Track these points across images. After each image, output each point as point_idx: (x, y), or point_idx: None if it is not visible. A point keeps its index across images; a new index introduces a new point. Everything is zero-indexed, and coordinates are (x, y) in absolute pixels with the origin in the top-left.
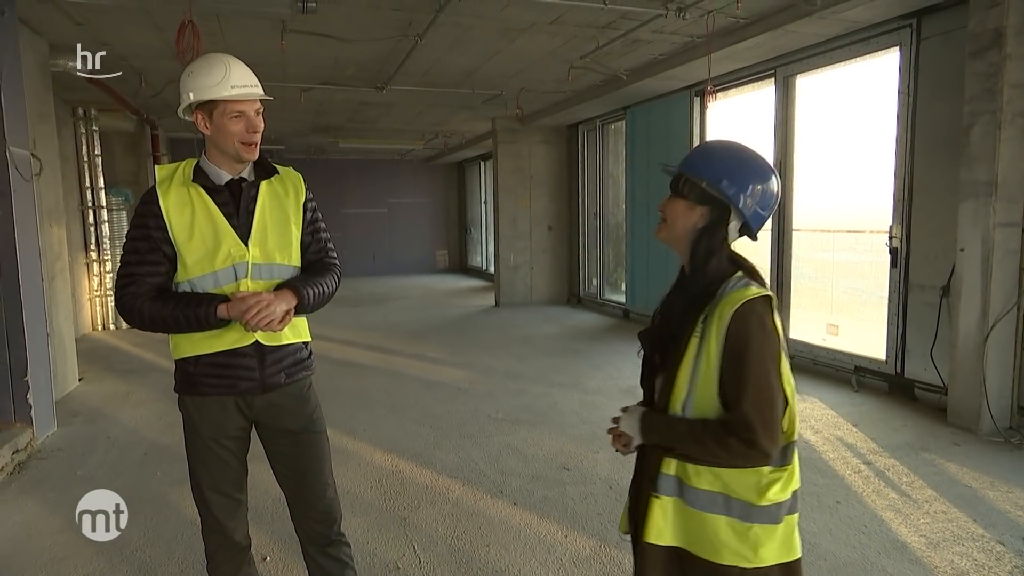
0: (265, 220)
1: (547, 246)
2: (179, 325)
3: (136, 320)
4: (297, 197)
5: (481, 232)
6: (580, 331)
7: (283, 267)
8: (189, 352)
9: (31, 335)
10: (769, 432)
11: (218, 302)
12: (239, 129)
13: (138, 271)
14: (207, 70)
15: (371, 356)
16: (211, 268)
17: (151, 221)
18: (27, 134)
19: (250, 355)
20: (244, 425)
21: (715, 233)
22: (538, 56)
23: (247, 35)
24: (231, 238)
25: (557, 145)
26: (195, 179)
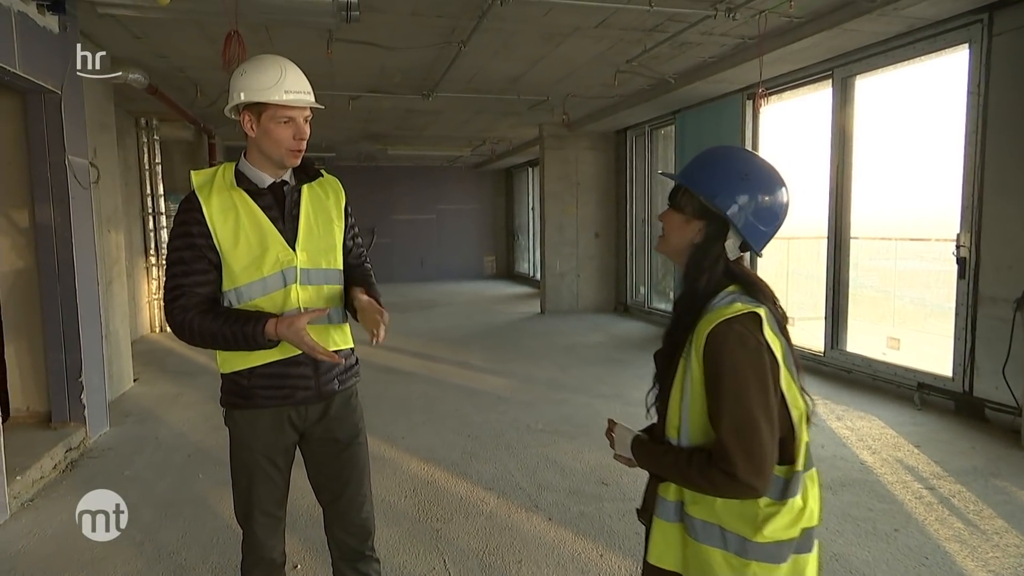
0: (310, 223)
1: (594, 253)
2: (227, 343)
3: (187, 335)
4: (338, 201)
5: (528, 238)
6: (626, 340)
7: (329, 271)
8: (241, 364)
9: (86, 337)
10: (753, 463)
11: (265, 320)
12: (287, 135)
13: (185, 282)
14: (262, 71)
15: (414, 363)
16: (259, 275)
17: (194, 228)
18: (86, 143)
19: (305, 363)
20: (295, 439)
21: (709, 249)
22: (583, 61)
23: (295, 44)
24: (278, 242)
25: (605, 151)
26: (238, 183)
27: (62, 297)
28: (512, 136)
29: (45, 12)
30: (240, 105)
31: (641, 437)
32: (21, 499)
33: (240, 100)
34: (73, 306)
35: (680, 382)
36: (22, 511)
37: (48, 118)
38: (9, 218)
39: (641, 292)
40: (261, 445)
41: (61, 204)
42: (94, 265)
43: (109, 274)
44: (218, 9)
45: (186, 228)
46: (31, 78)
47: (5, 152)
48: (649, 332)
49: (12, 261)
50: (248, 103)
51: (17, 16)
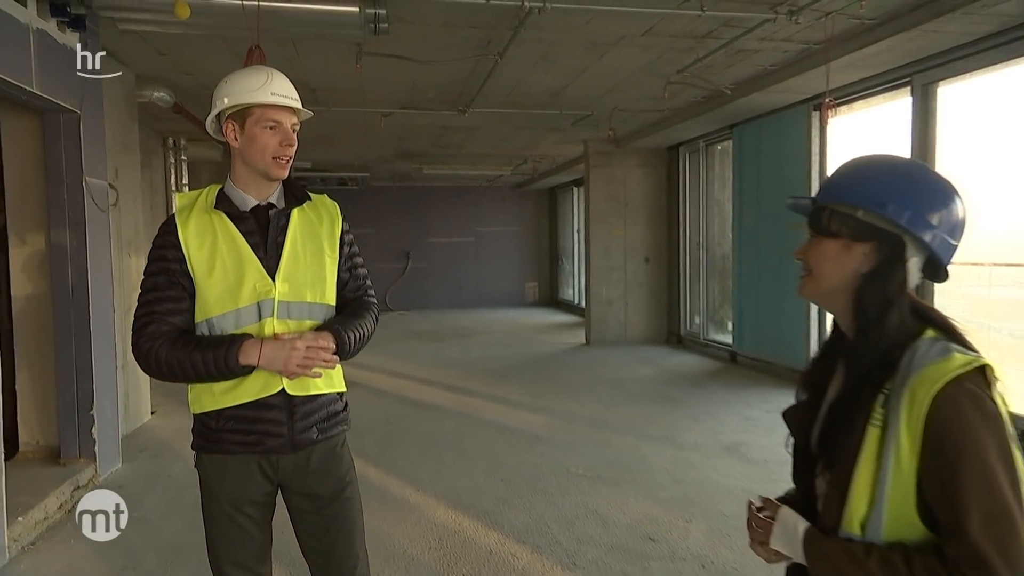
0: (296, 252)
1: (644, 279)
2: (197, 371)
3: (152, 366)
4: (333, 228)
5: (573, 263)
6: (678, 375)
7: (314, 306)
8: (210, 405)
9: (99, 368)
10: (1011, 566)
11: (242, 342)
12: (273, 142)
13: (157, 309)
14: (247, 76)
15: (446, 396)
16: (233, 305)
17: (169, 253)
18: (105, 164)
19: (278, 407)
20: (269, 489)
21: (890, 276)
22: (630, 72)
23: (323, 59)
24: (256, 271)
25: (655, 168)
26: (218, 205)
27: (75, 324)
28: (555, 153)
29: (65, 29)
30: (224, 115)
31: (818, 533)
32: (21, 542)
33: (224, 105)
34: (86, 334)
35: (872, 460)
36: (22, 555)
37: (66, 138)
38: (24, 241)
39: (696, 322)
40: (228, 494)
41: (77, 227)
42: (110, 291)
43: (128, 300)
44: (241, 24)
45: (161, 252)
46: (49, 97)
47: (22, 173)
48: (705, 366)
49: (26, 285)
50: (232, 111)
51: (36, 34)
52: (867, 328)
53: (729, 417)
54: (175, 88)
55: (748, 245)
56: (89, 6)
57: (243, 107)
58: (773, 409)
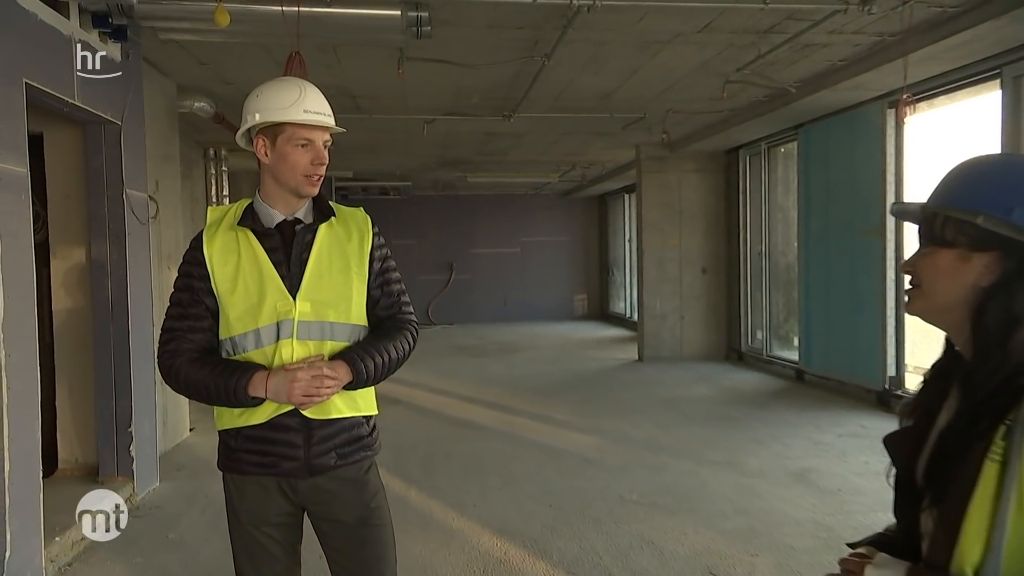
0: (320, 269)
1: (700, 291)
2: (210, 396)
3: (173, 382)
4: (362, 243)
5: (625, 274)
6: (740, 395)
7: (337, 326)
8: (230, 423)
9: (138, 383)
10: None
11: (252, 373)
12: (304, 160)
13: (179, 326)
14: (279, 91)
15: (490, 416)
16: (254, 324)
17: (194, 270)
18: (145, 176)
19: (294, 430)
20: (289, 510)
21: (1016, 291)
22: (686, 71)
23: (364, 65)
24: (277, 290)
25: (713, 173)
26: (242, 222)
27: (114, 339)
28: (605, 159)
29: (107, 40)
30: (255, 129)
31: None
32: (58, 563)
33: (255, 122)
34: (125, 349)
35: (989, 500)
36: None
37: (107, 150)
38: (65, 255)
39: (758, 337)
40: (249, 513)
41: (117, 240)
42: (150, 305)
43: None
44: (281, 31)
45: (187, 269)
46: (90, 109)
47: (63, 186)
48: (768, 385)
49: (66, 300)
50: (263, 126)
51: (78, 45)
52: (988, 349)
53: (796, 441)
54: (215, 98)
55: (816, 254)
56: (131, 16)
57: (275, 124)
58: (846, 433)
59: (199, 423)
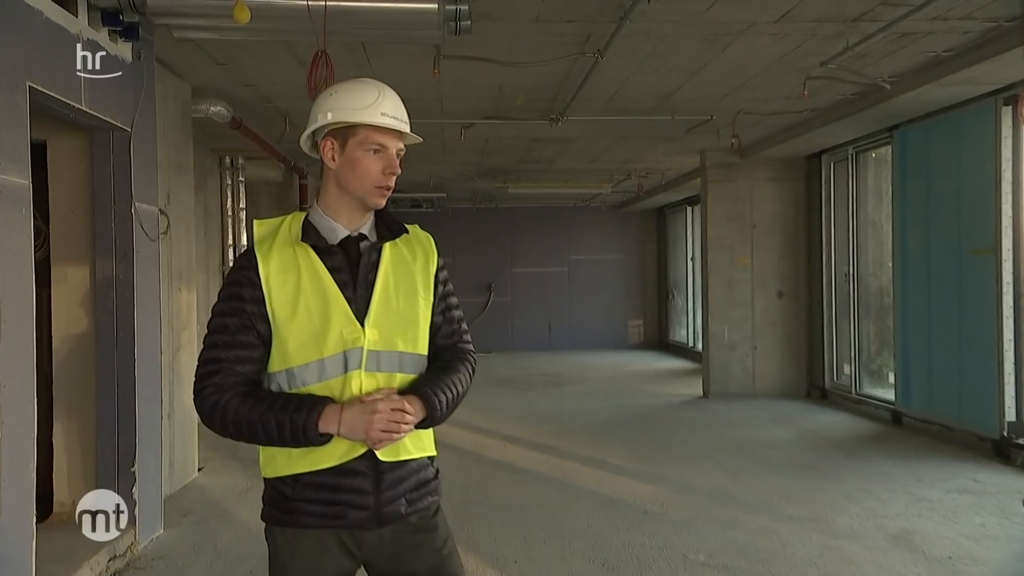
0: (388, 293)
1: (776, 318)
2: (269, 435)
3: (217, 421)
4: (427, 264)
5: (687, 298)
6: (824, 439)
7: (406, 356)
8: (286, 469)
9: (143, 417)
10: None
11: (324, 406)
12: (376, 168)
13: (225, 356)
14: (355, 90)
15: (535, 458)
16: (318, 355)
17: (246, 291)
18: (156, 188)
19: (363, 474)
20: (348, 568)
21: None
22: (760, 67)
23: (397, 64)
24: (344, 315)
25: (790, 182)
26: (304, 237)
27: (119, 368)
28: (665, 167)
29: (118, 39)
30: (323, 130)
31: None
32: None
33: (325, 121)
34: (130, 379)
35: None
36: None
37: (115, 160)
38: (69, 274)
39: (845, 372)
40: (302, 572)
41: (125, 258)
42: (158, 329)
43: (177, 340)
44: (306, 27)
45: (236, 290)
46: (98, 114)
47: (67, 199)
48: (858, 429)
49: (68, 324)
50: (333, 127)
51: (86, 44)
52: None
53: (894, 496)
54: (233, 102)
55: (915, 276)
56: (143, 12)
57: (347, 125)
58: (955, 489)
59: (209, 461)
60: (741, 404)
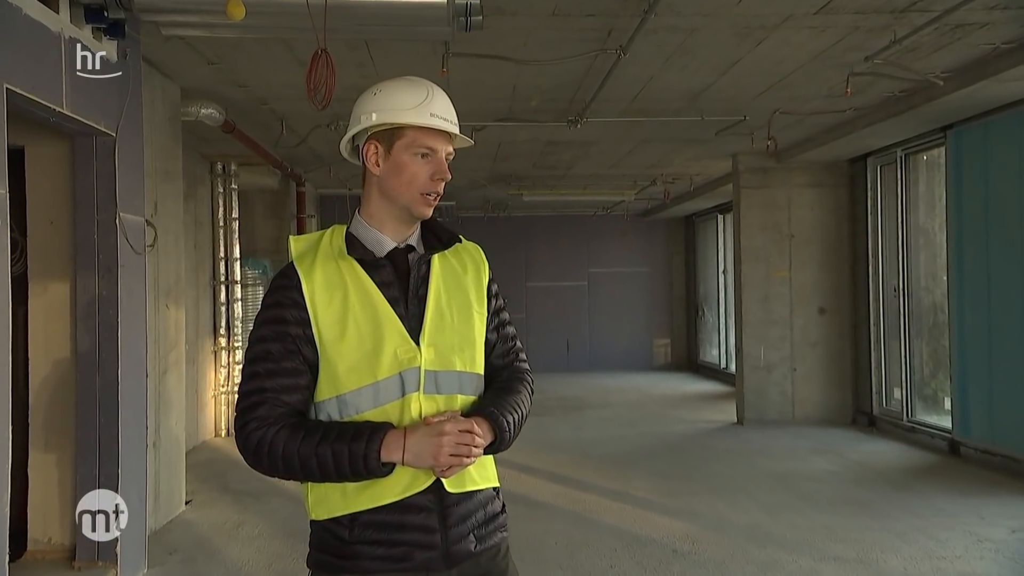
0: (442, 308)
1: (817, 337)
2: (325, 469)
3: (265, 459)
4: (479, 277)
5: (718, 315)
6: (873, 471)
7: (464, 376)
8: (342, 508)
9: (127, 446)
10: None
11: (384, 432)
12: (423, 173)
13: (270, 386)
14: (402, 89)
15: (551, 490)
16: (371, 378)
17: (289, 313)
18: (143, 197)
19: (428, 509)
20: None
21: None
22: (798, 63)
23: (402, 63)
24: (398, 334)
25: (832, 188)
26: (350, 250)
27: (100, 393)
28: (694, 172)
29: (102, 37)
30: (367, 132)
31: None
32: None
33: (369, 123)
34: (113, 404)
35: None
36: None
37: (99, 166)
38: (47, 291)
39: (896, 397)
40: None
41: (108, 273)
42: (143, 351)
43: (164, 362)
44: (305, 24)
45: (278, 312)
46: (81, 118)
47: (47, 209)
48: (910, 460)
49: (46, 346)
50: (378, 129)
51: (67, 43)
52: None
53: (953, 536)
54: (226, 103)
55: (973, 291)
56: (129, 8)
57: (393, 127)
58: (1022, 528)
59: (198, 494)
60: (779, 432)
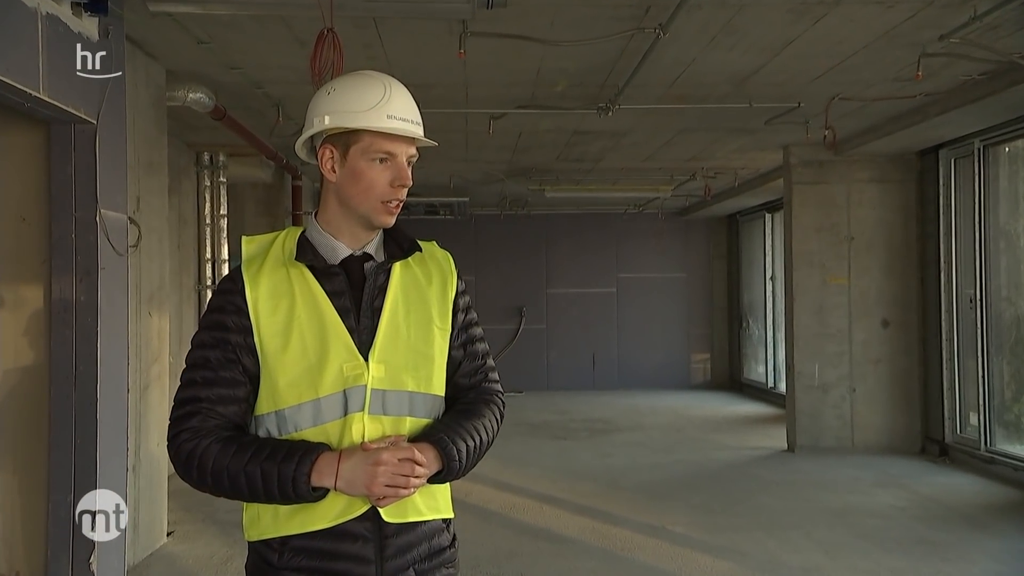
0: (397, 322)
1: (880, 353)
2: (253, 488)
3: (194, 472)
4: (445, 289)
5: (765, 327)
6: (945, 508)
7: (417, 396)
8: (272, 531)
9: (105, 470)
10: None
11: (317, 454)
12: (383, 180)
13: (205, 395)
14: (357, 88)
15: (578, 524)
16: (313, 394)
17: (231, 319)
18: (125, 192)
19: (364, 538)
20: None
21: None
22: (862, 43)
23: (414, 44)
24: (344, 348)
25: (898, 184)
26: (299, 256)
27: (77, 410)
28: (739, 165)
29: (82, 14)
30: (321, 135)
31: None
32: None
33: (323, 126)
34: (91, 424)
35: None
36: None
37: (78, 157)
38: (18, 296)
39: (972, 423)
40: None
41: (87, 278)
42: (125, 363)
43: (146, 376)
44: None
45: (219, 317)
46: (59, 104)
47: (18, 205)
48: (990, 495)
49: (16, 357)
50: (332, 132)
51: (45, 20)
52: None
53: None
54: (216, 87)
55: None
56: None
57: (348, 131)
58: None
59: (181, 524)
60: (836, 461)
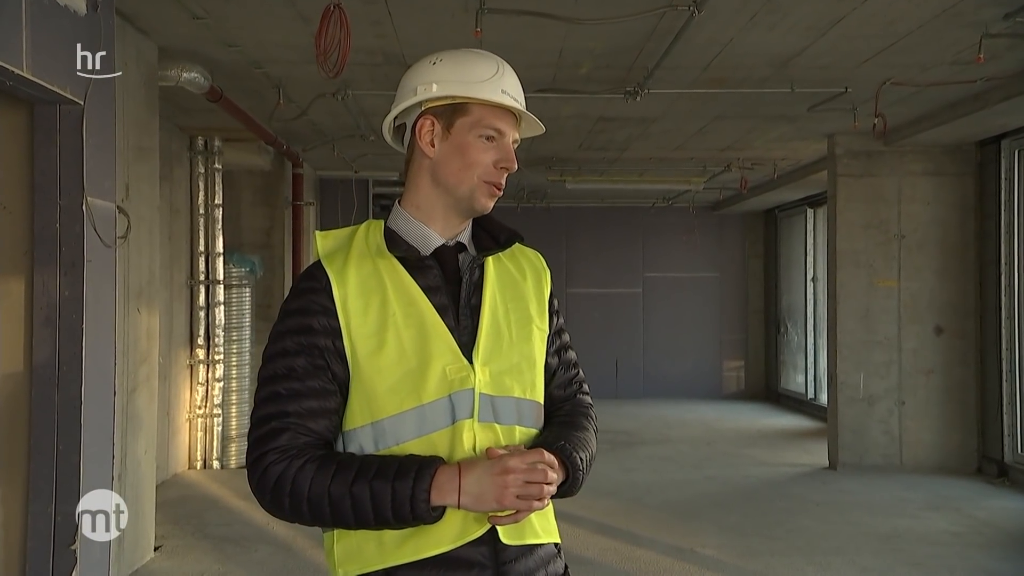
0: (498, 321)
1: (933, 363)
2: (361, 513)
3: (287, 500)
4: (540, 287)
5: (805, 333)
6: (1005, 534)
7: (524, 403)
8: (377, 562)
9: (89, 479)
10: None
11: (435, 468)
12: (487, 159)
13: (292, 410)
14: (469, 61)
15: (599, 544)
16: (415, 400)
17: (317, 320)
18: (114, 179)
19: (480, 565)
20: None
21: None
22: (916, 22)
23: (426, 20)
24: (448, 349)
25: (955, 177)
26: (391, 247)
27: (60, 414)
28: (779, 156)
29: None
30: (416, 109)
31: None
32: None
33: (429, 94)
34: (75, 429)
35: None
36: None
37: (63, 141)
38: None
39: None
40: None
41: (72, 270)
42: (112, 363)
43: (134, 378)
44: None
45: (304, 320)
46: (43, 83)
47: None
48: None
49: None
50: (434, 104)
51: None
52: None
53: None
54: (212, 66)
55: None
56: None
57: (457, 102)
58: None
59: (169, 538)
60: (883, 480)
